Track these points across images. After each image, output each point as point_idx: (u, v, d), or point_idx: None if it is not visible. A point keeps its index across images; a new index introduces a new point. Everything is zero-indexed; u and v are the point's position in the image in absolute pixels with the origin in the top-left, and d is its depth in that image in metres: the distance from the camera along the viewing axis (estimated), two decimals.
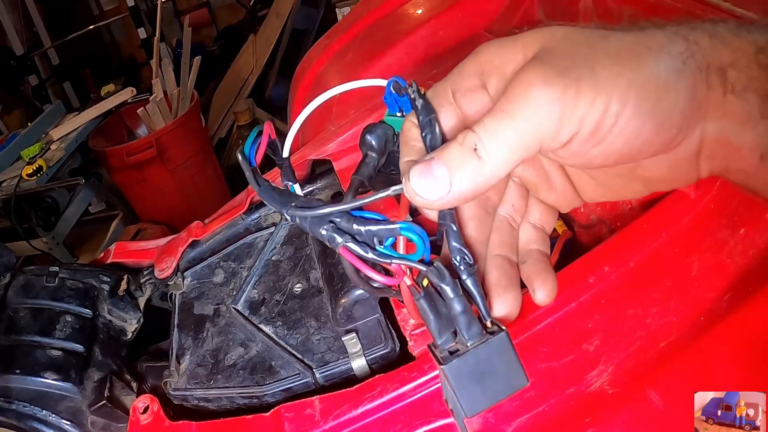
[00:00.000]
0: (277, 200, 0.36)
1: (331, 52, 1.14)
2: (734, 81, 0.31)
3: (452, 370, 0.34)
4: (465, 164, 0.31)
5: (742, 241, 0.48)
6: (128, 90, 2.69)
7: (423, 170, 0.32)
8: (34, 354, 0.64)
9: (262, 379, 0.60)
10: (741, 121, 0.31)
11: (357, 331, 0.59)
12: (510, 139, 0.31)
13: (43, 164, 2.25)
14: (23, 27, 3.64)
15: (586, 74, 0.30)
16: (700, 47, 0.31)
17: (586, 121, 0.31)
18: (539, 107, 0.30)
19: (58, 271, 0.73)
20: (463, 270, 0.34)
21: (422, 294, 0.35)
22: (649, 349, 0.46)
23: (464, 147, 0.31)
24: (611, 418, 0.43)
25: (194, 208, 2.53)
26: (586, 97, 0.30)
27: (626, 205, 0.62)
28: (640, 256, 0.51)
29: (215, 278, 0.75)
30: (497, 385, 0.34)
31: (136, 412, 0.59)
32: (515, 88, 0.31)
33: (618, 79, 0.30)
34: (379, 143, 0.42)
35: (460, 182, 0.31)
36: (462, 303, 0.34)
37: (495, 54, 0.35)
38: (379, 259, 0.33)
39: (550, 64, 0.31)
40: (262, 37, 3.36)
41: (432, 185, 0.31)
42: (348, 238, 0.33)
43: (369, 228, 0.33)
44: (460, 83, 0.36)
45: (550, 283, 0.38)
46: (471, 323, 0.34)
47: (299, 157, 0.85)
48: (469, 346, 0.34)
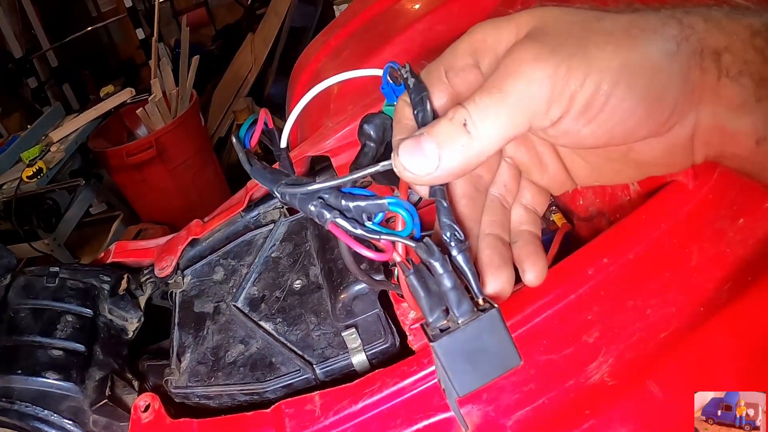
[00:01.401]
0: (268, 179, 0.37)
1: (329, 48, 1.14)
2: (729, 65, 0.30)
3: (442, 348, 0.33)
4: (454, 139, 0.31)
5: (741, 230, 0.48)
6: (127, 91, 2.68)
7: (412, 145, 0.32)
8: (35, 354, 0.64)
9: (263, 375, 0.60)
10: (736, 105, 0.31)
11: (357, 327, 0.59)
12: (500, 114, 0.31)
13: (43, 166, 2.25)
14: (22, 30, 3.64)
15: (579, 52, 0.30)
16: (695, 31, 0.31)
17: (577, 99, 0.31)
18: (530, 83, 0.30)
19: (59, 272, 0.73)
20: (454, 246, 0.34)
21: (412, 270, 0.34)
22: (649, 340, 0.46)
23: (454, 122, 0.31)
24: (611, 409, 0.43)
25: (195, 208, 2.52)
26: (578, 74, 0.30)
27: (625, 196, 0.62)
28: (639, 247, 0.51)
29: (215, 276, 0.75)
30: (489, 364, 0.34)
31: (137, 411, 0.59)
32: (507, 65, 0.31)
33: (611, 58, 0.30)
34: (378, 133, 0.42)
35: (450, 158, 0.31)
36: (452, 279, 0.33)
37: (488, 33, 0.34)
38: (367, 234, 0.33)
39: (542, 42, 0.31)
40: (260, 35, 3.35)
41: (421, 160, 0.31)
42: (336, 213, 0.33)
43: (357, 204, 0.33)
44: (453, 62, 0.36)
45: (540, 264, 0.38)
46: (461, 300, 0.33)
47: (298, 153, 0.85)
48: (460, 323, 0.33)
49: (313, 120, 0.96)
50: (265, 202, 0.81)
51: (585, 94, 0.30)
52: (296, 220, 0.76)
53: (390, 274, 0.60)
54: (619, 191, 0.62)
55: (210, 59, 3.48)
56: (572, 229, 0.69)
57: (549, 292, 0.50)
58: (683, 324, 0.46)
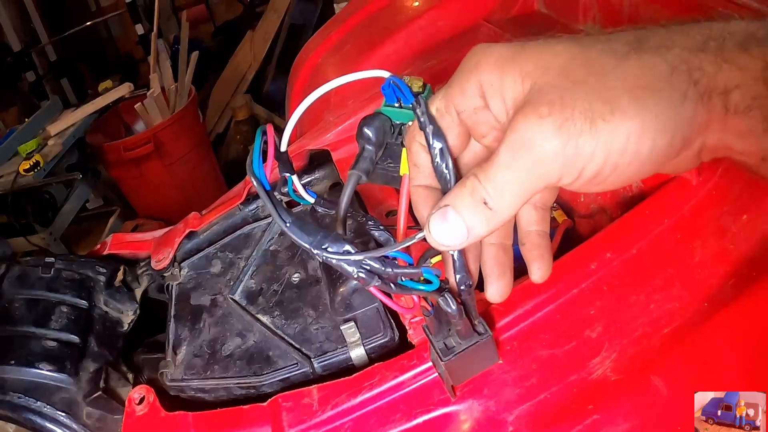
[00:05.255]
0: (306, 239, 0.37)
1: (329, 44, 1.14)
2: (737, 102, 0.31)
3: (449, 365, 0.44)
4: (478, 215, 0.34)
5: (744, 227, 0.48)
6: (126, 85, 2.67)
7: (441, 221, 0.35)
8: (29, 345, 0.63)
9: (260, 369, 0.59)
10: (743, 134, 0.32)
11: (356, 320, 0.59)
12: (515, 189, 0.34)
13: (40, 160, 2.23)
14: (20, 23, 3.63)
15: (586, 127, 0.31)
16: (704, 73, 0.31)
17: (586, 171, 0.33)
18: (541, 162, 0.32)
19: (54, 262, 0.72)
20: (464, 290, 0.40)
21: (432, 312, 0.42)
22: (652, 335, 0.45)
23: (474, 198, 0.34)
24: (615, 405, 0.43)
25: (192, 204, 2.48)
26: (586, 152, 0.32)
27: (627, 193, 0.62)
28: (642, 243, 0.51)
29: (212, 269, 0.74)
30: (477, 366, 0.46)
31: (131, 403, 0.59)
32: (516, 141, 0.33)
33: (617, 131, 0.31)
34: (377, 135, 0.42)
35: (476, 228, 0.35)
36: (462, 320, 0.41)
37: (494, 77, 0.35)
38: (402, 292, 0.38)
39: (548, 118, 0.32)
40: (259, 32, 3.34)
41: (451, 233, 0.35)
42: (377, 279, 0.36)
43: (397, 271, 0.37)
44: (464, 103, 0.37)
45: (546, 265, 0.42)
46: (466, 330, 0.43)
47: (297, 147, 0.85)
48: (463, 345, 0.43)
49: (313, 114, 0.95)
50: None
51: (593, 168, 0.32)
52: (295, 213, 0.76)
53: None
54: (622, 188, 0.62)
55: (209, 56, 3.47)
56: (573, 225, 0.69)
57: (551, 286, 0.49)
58: (687, 320, 0.45)
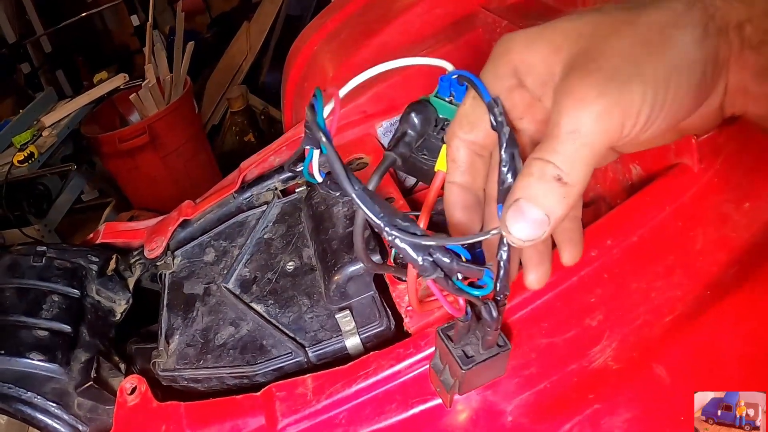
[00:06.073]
0: (377, 212, 0.33)
1: (325, 32, 1.12)
2: (750, 36, 0.32)
3: (469, 374, 0.42)
4: (552, 194, 0.32)
5: (746, 214, 0.47)
6: (120, 76, 2.65)
7: (518, 217, 0.33)
8: (19, 334, 0.62)
9: (253, 358, 0.58)
10: (758, 72, 0.33)
11: (351, 309, 0.58)
12: (585, 153, 0.32)
13: (34, 150, 2.22)
14: (15, 14, 3.59)
15: (632, 72, 0.31)
16: (717, 8, 0.32)
17: (642, 114, 0.32)
18: (604, 119, 0.31)
19: (46, 251, 0.71)
20: (500, 300, 0.39)
21: (468, 317, 0.40)
22: (654, 323, 0.45)
23: (546, 180, 0.32)
24: (616, 394, 0.42)
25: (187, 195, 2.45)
26: (638, 94, 0.31)
27: (626, 181, 0.61)
28: (643, 230, 0.50)
29: (206, 257, 0.73)
30: (485, 377, 0.44)
31: (123, 393, 0.58)
32: (573, 105, 0.32)
33: (657, 68, 0.32)
34: (423, 124, 0.42)
35: (556, 212, 0.33)
36: (497, 331, 0.40)
37: (525, 53, 0.35)
38: (455, 292, 0.36)
39: (596, 73, 0.32)
40: (256, 23, 3.33)
41: (532, 227, 0.33)
42: (439, 271, 0.34)
43: (462, 266, 0.35)
44: (498, 84, 0.37)
45: (577, 247, 0.41)
46: (492, 342, 0.41)
47: (293, 134, 0.83)
48: (483, 355, 0.42)
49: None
50: (259, 183, 0.79)
51: (647, 110, 0.32)
52: (290, 201, 0.75)
53: (386, 255, 0.58)
54: (621, 175, 0.61)
55: (205, 47, 3.45)
56: None
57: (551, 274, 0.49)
58: (688, 308, 0.44)
